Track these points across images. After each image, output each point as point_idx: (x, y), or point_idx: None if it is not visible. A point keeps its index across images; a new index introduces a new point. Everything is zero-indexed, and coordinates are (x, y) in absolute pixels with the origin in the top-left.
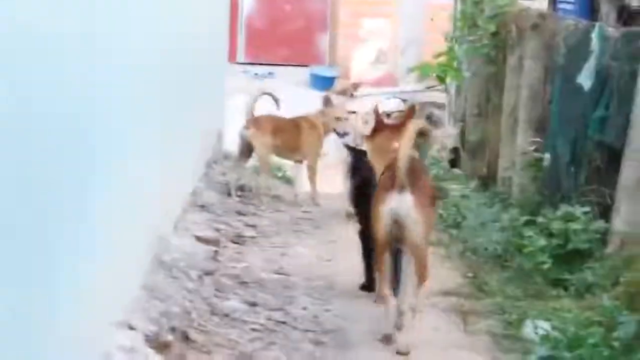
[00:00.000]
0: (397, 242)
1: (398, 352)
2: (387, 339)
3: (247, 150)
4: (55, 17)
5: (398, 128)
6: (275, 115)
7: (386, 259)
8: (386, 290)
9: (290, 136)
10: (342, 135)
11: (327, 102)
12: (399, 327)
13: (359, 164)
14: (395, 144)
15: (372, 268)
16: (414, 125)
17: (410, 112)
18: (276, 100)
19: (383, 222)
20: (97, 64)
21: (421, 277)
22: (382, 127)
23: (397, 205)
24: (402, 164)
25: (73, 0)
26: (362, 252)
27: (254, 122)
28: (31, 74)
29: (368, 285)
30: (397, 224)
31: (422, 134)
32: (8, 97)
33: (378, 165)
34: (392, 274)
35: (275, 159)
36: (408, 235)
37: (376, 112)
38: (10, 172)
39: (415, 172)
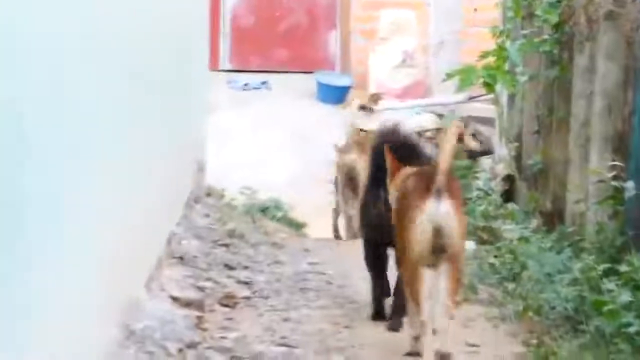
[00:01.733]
0: (433, 256)
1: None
2: None
3: (353, 180)
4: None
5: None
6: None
7: (422, 278)
8: (425, 317)
9: None
10: None
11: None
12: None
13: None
14: None
15: (383, 292)
16: (455, 127)
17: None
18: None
19: (422, 233)
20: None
21: (456, 293)
22: None
23: (436, 212)
24: (444, 166)
25: None
26: (371, 275)
27: (358, 143)
28: None
29: (380, 313)
30: (437, 233)
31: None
32: None
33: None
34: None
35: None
36: (449, 245)
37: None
38: None
39: (449, 174)
